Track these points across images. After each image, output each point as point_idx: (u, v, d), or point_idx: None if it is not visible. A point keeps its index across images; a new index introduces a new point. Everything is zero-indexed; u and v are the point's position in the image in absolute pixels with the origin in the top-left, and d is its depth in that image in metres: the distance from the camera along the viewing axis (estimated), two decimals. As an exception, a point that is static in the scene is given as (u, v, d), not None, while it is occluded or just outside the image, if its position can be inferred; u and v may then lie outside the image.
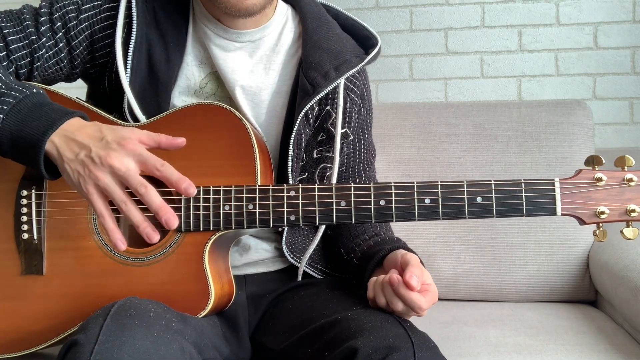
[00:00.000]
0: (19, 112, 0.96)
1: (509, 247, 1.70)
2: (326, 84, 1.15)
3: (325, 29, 1.21)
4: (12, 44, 1.10)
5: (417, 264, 1.02)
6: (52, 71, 1.15)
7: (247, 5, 1.09)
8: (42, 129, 0.95)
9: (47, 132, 0.95)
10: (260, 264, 1.23)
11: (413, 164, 1.81)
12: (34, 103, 0.98)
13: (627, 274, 1.40)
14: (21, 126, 0.95)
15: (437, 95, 2.22)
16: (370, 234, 1.23)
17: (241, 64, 1.18)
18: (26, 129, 0.95)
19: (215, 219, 1.03)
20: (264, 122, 1.19)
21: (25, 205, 1.08)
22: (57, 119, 0.96)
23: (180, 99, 1.17)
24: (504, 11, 2.17)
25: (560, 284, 1.67)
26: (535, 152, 1.76)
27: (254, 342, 1.18)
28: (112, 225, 0.96)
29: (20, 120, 0.96)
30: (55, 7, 1.14)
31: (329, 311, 1.06)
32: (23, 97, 0.97)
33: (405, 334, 0.94)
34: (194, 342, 0.94)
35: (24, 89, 0.98)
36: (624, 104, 2.13)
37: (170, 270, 1.03)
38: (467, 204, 1.00)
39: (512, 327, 1.44)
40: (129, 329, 0.85)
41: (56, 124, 0.95)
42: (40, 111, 0.97)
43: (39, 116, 0.96)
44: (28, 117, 0.96)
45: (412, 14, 2.21)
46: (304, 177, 1.24)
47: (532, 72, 2.17)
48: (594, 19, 2.12)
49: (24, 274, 1.06)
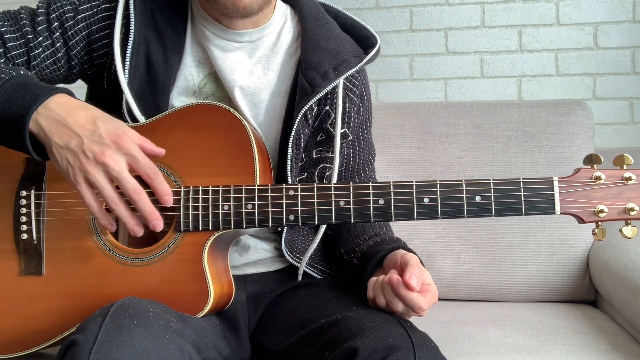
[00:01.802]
0: (5, 93, 0.96)
1: (509, 247, 1.70)
2: (325, 84, 1.15)
3: (324, 29, 1.21)
4: (9, 42, 1.10)
5: (416, 264, 1.02)
6: (49, 71, 1.15)
7: (245, 5, 1.09)
8: (26, 105, 0.95)
9: (30, 108, 0.95)
10: (260, 263, 1.23)
11: (413, 164, 1.81)
12: (19, 83, 0.98)
13: (627, 274, 1.40)
14: (7, 106, 0.96)
15: (437, 95, 2.22)
16: (370, 234, 1.22)
17: (240, 64, 1.18)
18: (12, 107, 0.96)
19: (214, 219, 1.03)
20: (263, 122, 1.19)
21: (24, 205, 1.08)
22: (41, 95, 0.96)
23: (179, 100, 1.17)
24: (504, 11, 2.17)
25: (560, 284, 1.67)
26: (535, 152, 1.76)
27: (253, 342, 1.18)
28: (100, 213, 0.98)
29: (5, 100, 0.96)
30: (53, 7, 1.14)
31: (329, 311, 1.06)
32: (9, 77, 0.98)
33: (405, 334, 0.94)
34: (193, 342, 0.94)
35: (10, 71, 0.99)
36: (624, 104, 2.13)
37: (170, 270, 1.03)
38: (466, 203, 1.00)
39: (512, 327, 1.44)
40: (127, 329, 0.85)
41: (39, 100, 0.96)
42: (25, 89, 0.97)
43: (23, 95, 0.96)
44: (13, 97, 0.96)
45: (412, 14, 2.21)
46: (304, 177, 1.24)
47: (532, 72, 2.17)
48: (594, 19, 2.12)
49: (23, 275, 1.06)
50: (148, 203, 0.97)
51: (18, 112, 0.95)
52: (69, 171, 0.95)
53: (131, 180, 0.95)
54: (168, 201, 1.00)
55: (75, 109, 0.97)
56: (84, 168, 0.94)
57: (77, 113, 0.96)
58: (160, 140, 1.06)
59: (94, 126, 0.96)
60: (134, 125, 1.10)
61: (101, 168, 0.94)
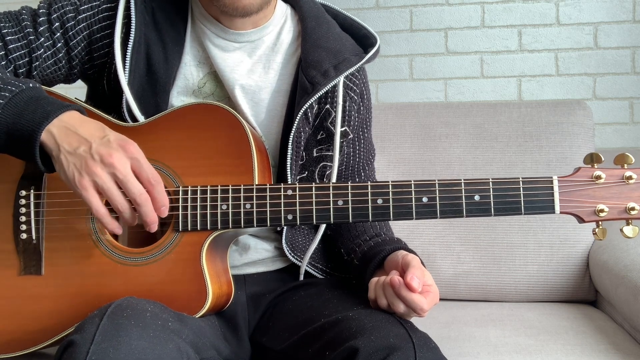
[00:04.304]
0: (15, 106, 0.96)
1: (509, 247, 1.70)
2: (325, 82, 1.15)
3: (324, 28, 1.21)
4: (11, 43, 1.10)
5: (418, 265, 1.02)
6: (50, 71, 1.15)
7: (244, 5, 1.09)
8: (38, 120, 0.95)
9: (42, 123, 0.95)
10: (260, 263, 1.23)
11: (413, 164, 1.80)
12: (30, 97, 0.98)
13: (627, 274, 1.40)
14: (17, 119, 0.96)
15: (437, 95, 2.22)
16: (370, 235, 1.22)
17: (240, 63, 1.18)
18: (22, 121, 0.96)
19: (212, 219, 1.02)
20: (263, 121, 1.19)
21: (24, 205, 1.08)
22: (53, 111, 0.96)
23: (178, 99, 1.17)
24: (504, 11, 2.17)
25: (560, 284, 1.67)
26: (535, 152, 1.76)
27: (253, 342, 1.18)
28: (108, 218, 0.98)
29: (16, 114, 0.96)
30: (54, 7, 1.14)
31: (330, 311, 1.06)
32: (19, 91, 0.98)
33: (406, 334, 0.94)
34: (192, 342, 0.94)
35: (20, 84, 0.99)
36: (624, 104, 2.13)
37: (168, 270, 1.03)
38: (465, 202, 0.99)
39: (512, 327, 1.43)
40: (125, 329, 0.85)
41: (52, 116, 0.96)
42: (37, 104, 0.97)
43: (34, 109, 0.96)
44: (24, 110, 0.96)
45: (412, 14, 2.21)
46: (304, 176, 1.24)
47: (532, 72, 2.16)
48: (594, 19, 2.12)
49: (23, 274, 1.06)
50: (151, 208, 0.97)
51: (29, 126, 0.95)
52: (75, 177, 0.94)
53: (137, 184, 0.95)
54: (163, 212, 1.00)
55: (86, 122, 0.98)
56: (91, 170, 0.94)
57: (87, 124, 0.98)
58: (159, 140, 1.07)
59: (102, 133, 0.96)
60: (134, 125, 1.10)
61: (107, 170, 0.94)
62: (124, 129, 1.09)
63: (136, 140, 0.98)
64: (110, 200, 0.95)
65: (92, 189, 0.95)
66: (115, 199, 0.95)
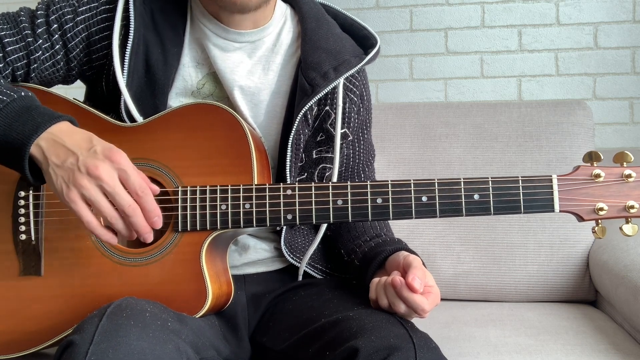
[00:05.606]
0: (6, 117, 0.96)
1: (509, 247, 1.70)
2: (325, 84, 1.15)
3: (324, 29, 1.21)
4: (9, 45, 1.10)
5: (419, 266, 1.02)
6: (49, 73, 1.15)
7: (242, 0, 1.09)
8: (28, 132, 0.95)
9: (31, 136, 0.95)
10: (260, 263, 1.23)
11: (413, 164, 1.80)
12: (21, 107, 0.98)
13: (627, 274, 1.40)
14: (7, 131, 0.96)
15: (437, 95, 2.22)
16: (371, 235, 1.22)
17: (240, 64, 1.18)
18: (12, 133, 0.96)
19: (212, 219, 1.02)
20: (262, 122, 1.19)
21: (22, 206, 1.08)
22: (43, 123, 0.96)
23: (177, 100, 1.17)
24: (504, 11, 2.17)
25: (560, 284, 1.67)
26: (535, 152, 1.76)
27: (253, 342, 1.18)
28: (100, 229, 0.97)
29: (6, 125, 0.96)
30: (52, 9, 1.14)
31: (330, 311, 1.06)
32: (10, 100, 0.98)
33: (406, 334, 0.94)
34: (191, 342, 0.94)
35: (12, 93, 0.99)
36: (624, 104, 2.13)
37: (168, 270, 1.02)
38: (465, 201, 0.99)
39: (512, 327, 1.43)
40: (124, 330, 0.85)
41: (41, 128, 0.96)
42: (27, 115, 0.97)
43: (25, 120, 0.96)
44: (15, 122, 0.96)
45: (412, 14, 2.21)
46: (304, 177, 1.24)
47: (532, 72, 2.16)
48: (594, 19, 2.12)
49: (22, 275, 1.06)
50: (142, 218, 0.97)
51: (19, 139, 0.95)
52: (63, 190, 0.94)
53: (125, 195, 0.95)
54: (156, 223, 0.99)
55: (75, 133, 0.98)
56: (78, 183, 0.93)
57: (75, 135, 0.97)
58: (158, 140, 1.07)
59: (89, 144, 0.96)
60: (133, 125, 1.09)
61: (95, 182, 0.94)
62: (123, 130, 1.09)
63: (135, 140, 0.98)
64: (99, 212, 0.95)
65: (81, 202, 0.94)
66: (105, 210, 0.95)
